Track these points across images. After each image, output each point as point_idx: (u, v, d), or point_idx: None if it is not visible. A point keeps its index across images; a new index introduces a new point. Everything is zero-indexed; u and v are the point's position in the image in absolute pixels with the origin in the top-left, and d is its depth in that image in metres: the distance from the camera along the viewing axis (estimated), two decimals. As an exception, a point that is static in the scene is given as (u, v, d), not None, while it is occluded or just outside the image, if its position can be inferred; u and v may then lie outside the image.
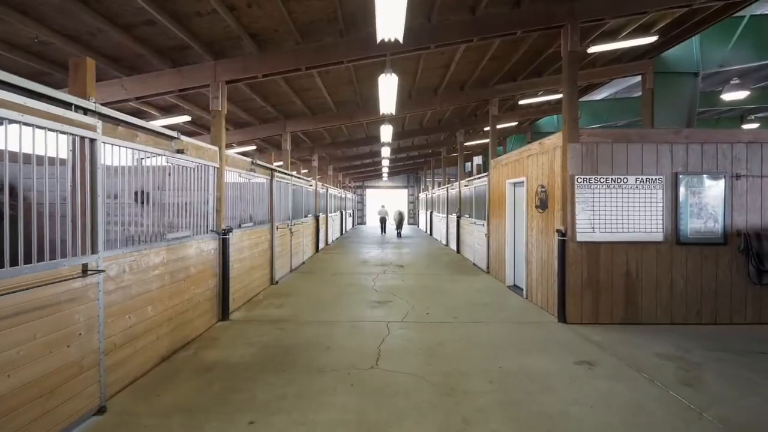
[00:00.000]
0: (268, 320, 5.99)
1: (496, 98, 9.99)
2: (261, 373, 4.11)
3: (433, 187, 23.82)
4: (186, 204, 5.13)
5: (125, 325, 3.76)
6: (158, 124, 8.80)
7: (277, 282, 8.70)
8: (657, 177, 5.85)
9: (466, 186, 12.93)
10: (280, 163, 11.37)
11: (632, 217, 5.85)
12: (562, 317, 5.88)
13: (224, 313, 5.93)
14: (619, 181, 5.86)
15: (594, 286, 5.84)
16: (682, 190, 5.83)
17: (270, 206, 8.55)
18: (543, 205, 6.67)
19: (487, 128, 15.99)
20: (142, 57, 5.78)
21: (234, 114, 9.73)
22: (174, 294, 4.66)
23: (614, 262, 5.85)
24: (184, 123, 9.41)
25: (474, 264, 11.31)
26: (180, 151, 4.73)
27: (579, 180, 5.84)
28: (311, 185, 13.64)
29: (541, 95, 11.91)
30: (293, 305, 6.86)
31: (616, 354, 4.67)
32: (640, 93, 18.61)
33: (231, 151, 9.70)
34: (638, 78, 16.73)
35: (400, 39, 4.86)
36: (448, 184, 17.90)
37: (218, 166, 5.89)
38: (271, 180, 8.57)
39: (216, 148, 5.84)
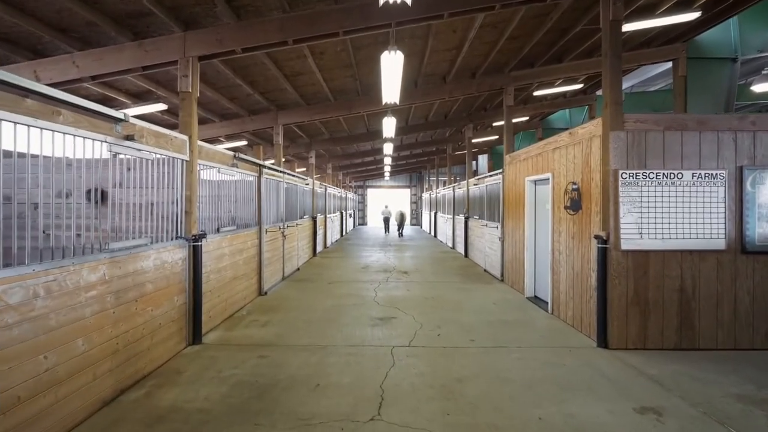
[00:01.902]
0: (248, 344, 4.99)
1: (511, 86, 8.96)
2: (226, 428, 3.11)
3: (437, 187, 22.83)
4: (144, 205, 4.14)
5: (37, 370, 2.77)
6: (131, 113, 7.82)
7: (266, 293, 7.70)
8: (718, 172, 4.83)
9: (475, 185, 11.91)
10: (273, 160, 10.39)
11: (688, 221, 4.84)
12: (603, 341, 4.87)
13: (195, 335, 4.94)
14: (672, 177, 4.84)
15: (641, 303, 4.83)
16: (748, 187, 4.82)
17: (258, 207, 7.55)
18: (575, 205, 5.65)
19: (496, 123, 15.01)
20: (95, 27, 4.78)
21: (218, 104, 8.73)
22: (121, 319, 3.66)
23: (666, 274, 4.83)
24: (161, 113, 8.42)
25: (485, 270, 10.29)
26: (130, 138, 3.74)
27: (624, 176, 4.83)
28: (308, 184, 12.64)
29: (558, 85, 10.89)
30: (281, 323, 5.85)
31: (685, 396, 3.66)
32: (657, 87, 17.64)
33: (220, 147, 8.72)
34: (658, 70, 15.71)
35: (408, 0, 3.87)
36: (454, 183, 16.88)
37: (188, 159, 4.89)
38: (259, 177, 7.57)
39: (185, 138, 4.84)
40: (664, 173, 4.84)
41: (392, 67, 5.91)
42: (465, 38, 6.97)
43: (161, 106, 7.72)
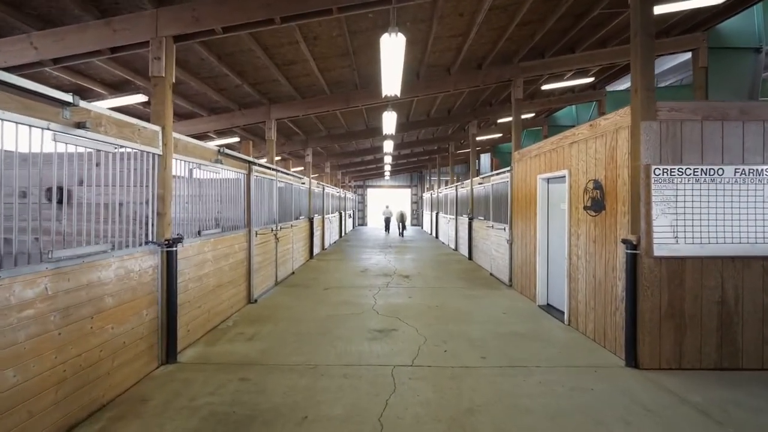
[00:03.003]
0: (229, 363, 4.40)
1: (520, 78, 8.37)
2: (189, 480, 2.53)
3: (438, 186, 22.25)
4: (106, 205, 3.56)
5: (-57, 415, 2.18)
6: (105, 104, 7.24)
7: (255, 300, 7.11)
8: (764, 168, 4.25)
9: (480, 184, 11.32)
10: (266, 158, 9.79)
11: (729, 223, 4.25)
12: (632, 359, 4.28)
13: (169, 353, 4.35)
14: (711, 173, 4.26)
15: (677, 317, 4.24)
16: (798, 185, 4.24)
17: (247, 207, 6.97)
18: (597, 205, 5.07)
19: (501, 120, 14.41)
20: (55, 2, 4.20)
21: (205, 96, 8.14)
22: (71, 341, 3.08)
23: (704, 284, 4.25)
24: (142, 105, 7.80)
25: (491, 274, 9.70)
26: (81, 126, 3.15)
27: (657, 172, 4.24)
28: (304, 183, 12.05)
29: (569, 78, 10.32)
30: (268, 336, 5.27)
31: (740, 430, 3.07)
32: (668, 82, 17.02)
33: (210, 144, 8.13)
34: (669, 65, 15.10)
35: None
36: (457, 182, 16.29)
37: (161, 152, 4.30)
38: (249, 175, 6.99)
39: (157, 129, 4.25)
40: (702, 169, 4.26)
41: (393, 52, 5.34)
42: (472, 23, 6.38)
43: (141, 98, 7.13)
